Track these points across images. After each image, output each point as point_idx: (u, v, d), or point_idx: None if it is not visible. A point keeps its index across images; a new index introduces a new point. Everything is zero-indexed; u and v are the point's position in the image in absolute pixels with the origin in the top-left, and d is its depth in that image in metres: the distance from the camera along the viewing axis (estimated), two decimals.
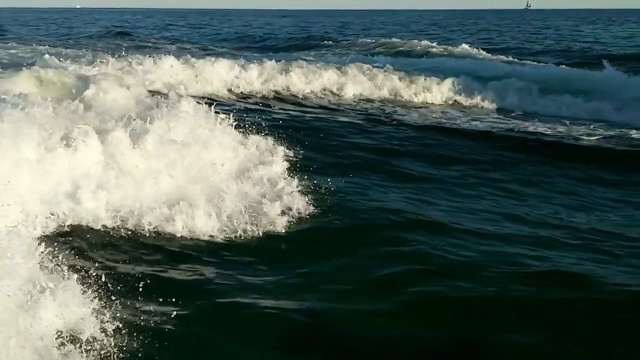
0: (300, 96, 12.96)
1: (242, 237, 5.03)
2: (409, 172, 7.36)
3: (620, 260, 5.02)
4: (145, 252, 4.72)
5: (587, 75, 17.11)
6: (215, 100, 9.18)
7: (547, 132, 11.11)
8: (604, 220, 6.23)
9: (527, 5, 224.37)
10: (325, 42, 33.11)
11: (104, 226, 4.90)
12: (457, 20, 75.64)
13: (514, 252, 5.04)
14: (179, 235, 5.00)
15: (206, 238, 4.98)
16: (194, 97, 7.68)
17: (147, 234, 4.94)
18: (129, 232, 4.92)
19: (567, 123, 12.48)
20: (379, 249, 4.98)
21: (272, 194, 5.65)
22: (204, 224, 5.06)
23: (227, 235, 5.03)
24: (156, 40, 31.85)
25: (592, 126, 11.85)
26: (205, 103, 6.86)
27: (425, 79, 14.88)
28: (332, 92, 13.59)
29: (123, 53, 13.86)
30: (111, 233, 4.86)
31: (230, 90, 12.69)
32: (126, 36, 34.50)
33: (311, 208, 5.57)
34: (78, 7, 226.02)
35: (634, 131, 11.24)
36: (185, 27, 49.54)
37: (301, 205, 5.58)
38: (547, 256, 5.02)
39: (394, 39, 31.42)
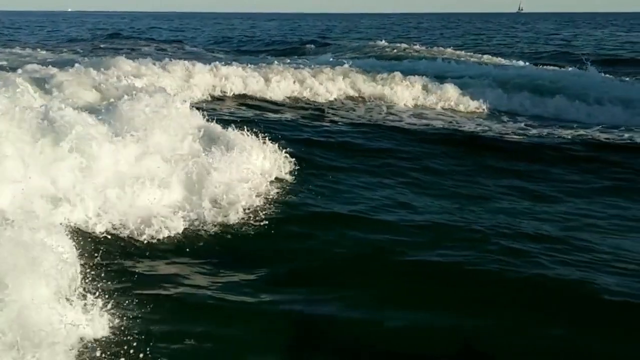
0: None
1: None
2: (328, 163, 7.57)
3: (500, 249, 5.24)
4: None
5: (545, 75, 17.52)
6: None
7: (471, 128, 11.54)
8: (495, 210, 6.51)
9: (519, 9, 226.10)
10: (307, 45, 33.22)
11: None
12: (442, 23, 76.17)
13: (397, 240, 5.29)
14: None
15: None
16: None
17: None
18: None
19: (505, 119, 12.83)
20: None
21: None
22: None
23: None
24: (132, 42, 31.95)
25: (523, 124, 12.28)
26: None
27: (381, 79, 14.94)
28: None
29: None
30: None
31: None
32: (109, 39, 34.72)
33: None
34: (70, 10, 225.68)
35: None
36: (166, 30, 49.82)
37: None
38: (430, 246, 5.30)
39: (378, 42, 31.84)
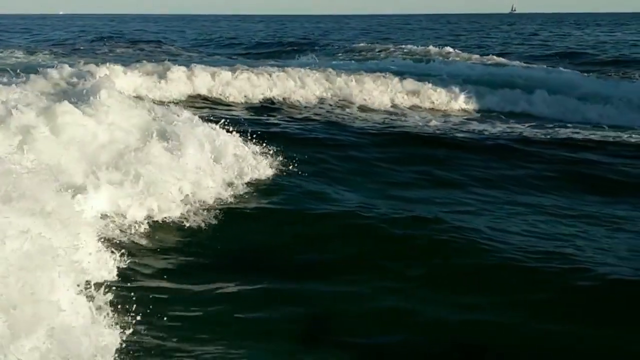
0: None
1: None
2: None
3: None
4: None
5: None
6: None
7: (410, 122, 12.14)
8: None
9: (512, 9, 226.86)
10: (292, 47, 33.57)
11: None
12: (428, 24, 76.72)
13: None
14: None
15: None
16: None
17: None
18: None
19: (463, 119, 13.32)
20: None
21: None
22: None
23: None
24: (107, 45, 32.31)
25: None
26: None
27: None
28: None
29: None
30: None
31: None
32: (92, 41, 35.10)
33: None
34: (61, 13, 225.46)
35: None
36: (149, 32, 50.19)
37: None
38: None
39: (361, 44, 32.45)
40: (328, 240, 5.69)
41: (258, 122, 10.64)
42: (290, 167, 7.40)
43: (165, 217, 5.58)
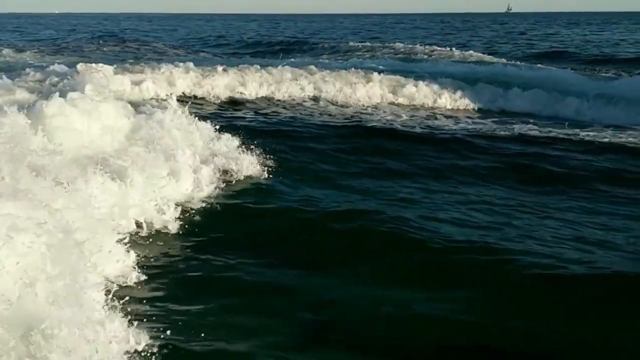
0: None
1: None
2: None
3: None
4: None
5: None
6: None
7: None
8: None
9: (508, 9, 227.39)
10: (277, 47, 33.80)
11: None
12: (417, 23, 77.00)
13: None
14: None
15: None
16: None
17: None
18: None
19: (433, 113, 13.61)
20: None
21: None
22: None
23: None
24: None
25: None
26: None
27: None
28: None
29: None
30: None
31: None
32: (79, 40, 35.36)
33: None
34: (57, 12, 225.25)
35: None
36: (140, 31, 50.36)
37: None
38: None
39: (350, 43, 32.88)
40: (264, 234, 5.86)
41: (222, 116, 10.92)
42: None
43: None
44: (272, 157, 8.02)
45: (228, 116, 11.41)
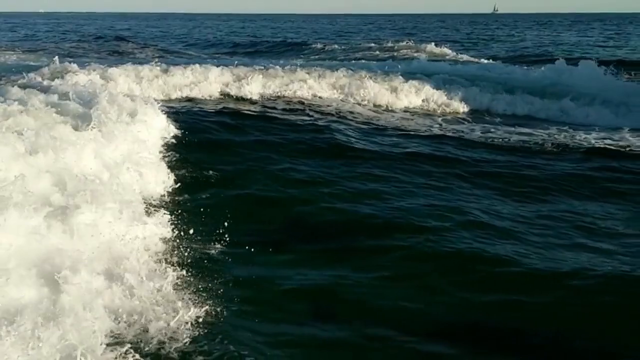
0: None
1: None
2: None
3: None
4: None
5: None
6: None
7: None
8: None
9: (494, 9, 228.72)
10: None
11: None
12: (391, 24, 77.42)
13: None
14: None
15: None
16: None
17: None
18: None
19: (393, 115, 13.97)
20: None
21: None
22: None
23: None
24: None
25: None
26: None
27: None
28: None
29: None
30: None
31: None
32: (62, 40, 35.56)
33: None
34: (42, 11, 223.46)
35: None
36: (125, 30, 50.50)
37: None
38: None
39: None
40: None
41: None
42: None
43: None
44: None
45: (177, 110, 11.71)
